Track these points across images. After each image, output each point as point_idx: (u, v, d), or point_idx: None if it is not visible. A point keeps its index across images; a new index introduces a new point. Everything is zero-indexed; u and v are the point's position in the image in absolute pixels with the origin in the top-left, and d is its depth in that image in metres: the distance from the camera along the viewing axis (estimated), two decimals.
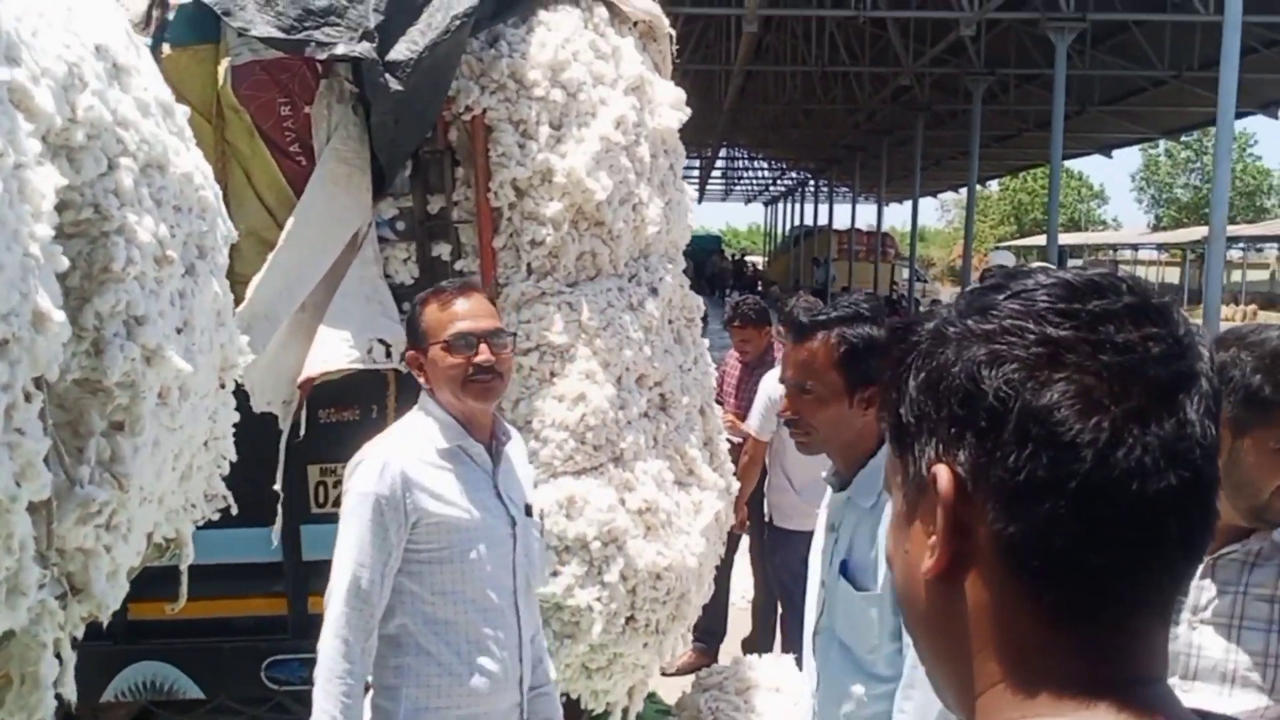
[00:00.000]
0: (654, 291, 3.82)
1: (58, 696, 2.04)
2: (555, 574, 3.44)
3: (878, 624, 2.26)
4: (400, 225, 3.68)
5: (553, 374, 3.58)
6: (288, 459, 3.63)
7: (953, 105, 20.71)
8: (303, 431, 3.56)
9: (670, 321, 3.92)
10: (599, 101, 3.68)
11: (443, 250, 3.65)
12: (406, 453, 2.54)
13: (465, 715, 2.57)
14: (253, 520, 3.50)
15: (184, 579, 2.66)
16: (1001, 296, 0.76)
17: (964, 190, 51.39)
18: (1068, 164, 40.86)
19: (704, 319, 4.34)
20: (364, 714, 2.52)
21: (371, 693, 2.58)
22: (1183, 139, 27.14)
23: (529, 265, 3.62)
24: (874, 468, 2.32)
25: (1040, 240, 34.33)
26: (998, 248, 26.54)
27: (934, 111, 21.15)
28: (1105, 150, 24.85)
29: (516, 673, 2.64)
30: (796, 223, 43.41)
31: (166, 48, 3.50)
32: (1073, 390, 0.70)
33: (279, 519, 3.64)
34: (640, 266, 3.84)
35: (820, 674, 2.43)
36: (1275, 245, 39.24)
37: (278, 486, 3.56)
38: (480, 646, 2.56)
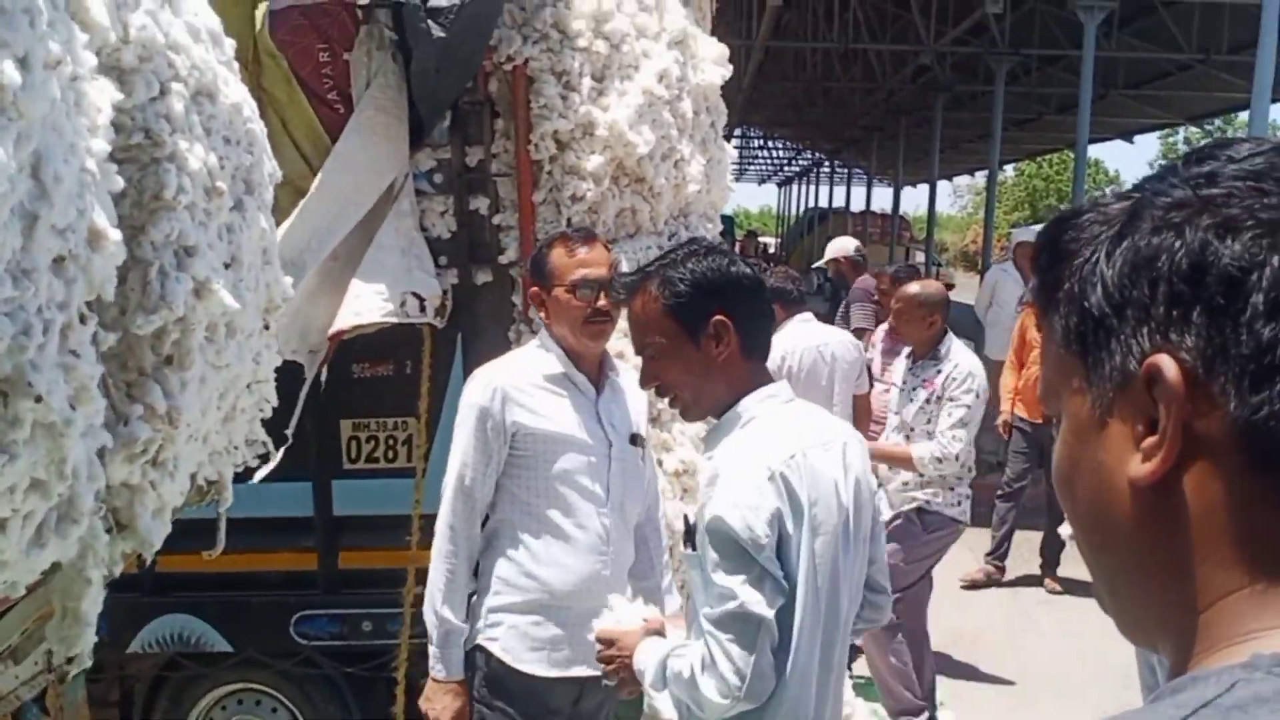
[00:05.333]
0: None
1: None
2: None
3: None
4: (438, 178, 3.62)
5: None
6: (321, 413, 3.58)
7: (973, 86, 20.50)
8: (324, 385, 3.50)
9: None
10: (641, 54, 3.61)
11: (481, 204, 3.59)
12: (513, 374, 2.89)
13: (546, 605, 2.87)
14: (283, 474, 3.45)
15: (222, 524, 2.60)
16: (1210, 166, 0.68)
17: (980, 175, 51.02)
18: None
19: None
20: (464, 588, 2.89)
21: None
22: (1205, 126, 26.84)
23: (569, 220, 3.55)
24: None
25: None
26: (1015, 227, 26.35)
27: (954, 93, 20.95)
28: (1127, 136, 24.61)
29: (605, 580, 2.86)
30: (810, 204, 43.15)
31: None
32: None
33: (270, 466, 3.56)
34: (680, 225, 3.78)
35: None
36: None
37: (288, 432, 3.49)
38: (566, 546, 2.86)
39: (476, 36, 3.41)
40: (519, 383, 2.86)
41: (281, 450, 3.42)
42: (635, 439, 2.99)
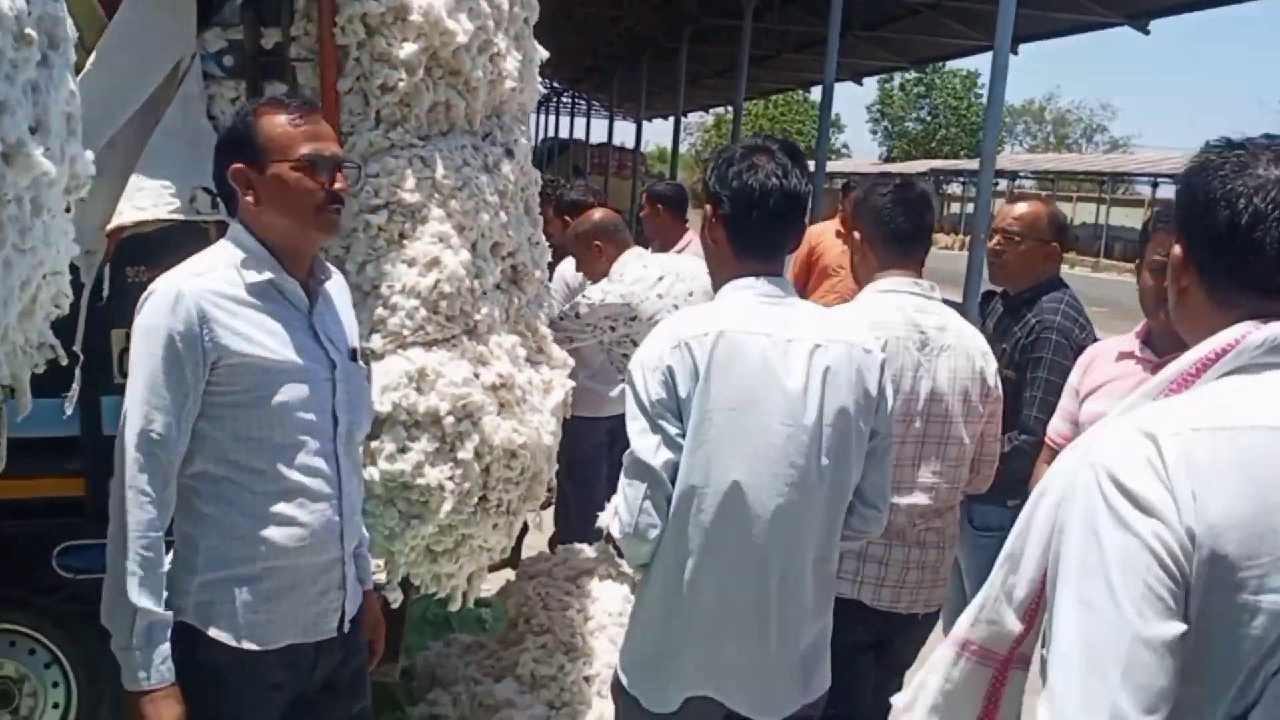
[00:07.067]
0: (509, 154, 3.55)
1: None
2: (404, 450, 3.17)
3: None
4: (229, 60, 3.25)
5: (403, 235, 3.26)
6: (90, 322, 3.18)
7: (718, 20, 20.77)
8: (106, 290, 3.13)
9: (523, 190, 3.66)
10: None
11: (277, 90, 3.24)
12: (206, 285, 2.26)
13: (272, 568, 2.35)
14: (44, 389, 3.05)
15: (2, 438, 2.26)
16: None
17: (712, 112, 52.14)
18: (807, 91, 42.27)
19: None
20: (164, 567, 2.26)
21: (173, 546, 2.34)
22: (924, 71, 28.37)
23: (378, 113, 3.26)
24: None
25: None
26: None
27: (699, 25, 21.16)
28: (857, 78, 25.61)
29: (336, 527, 2.42)
30: (547, 135, 42.86)
31: None
32: None
33: (74, 387, 3.20)
34: (495, 125, 3.56)
35: None
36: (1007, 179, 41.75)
37: (77, 349, 3.12)
38: (290, 497, 2.34)
39: None
40: (216, 298, 2.25)
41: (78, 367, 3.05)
42: (355, 355, 2.54)
